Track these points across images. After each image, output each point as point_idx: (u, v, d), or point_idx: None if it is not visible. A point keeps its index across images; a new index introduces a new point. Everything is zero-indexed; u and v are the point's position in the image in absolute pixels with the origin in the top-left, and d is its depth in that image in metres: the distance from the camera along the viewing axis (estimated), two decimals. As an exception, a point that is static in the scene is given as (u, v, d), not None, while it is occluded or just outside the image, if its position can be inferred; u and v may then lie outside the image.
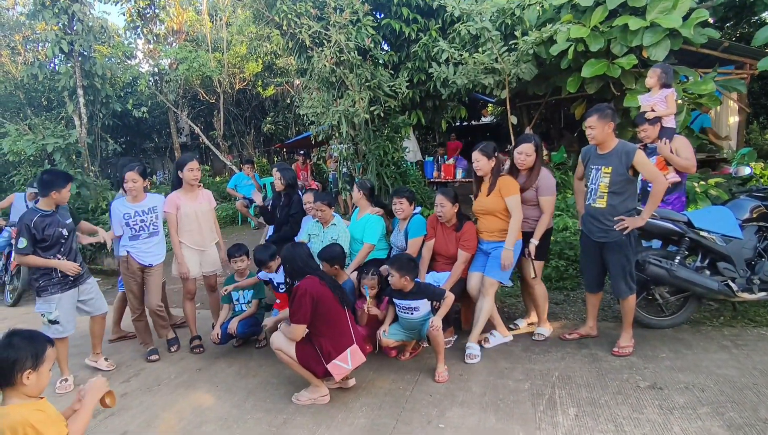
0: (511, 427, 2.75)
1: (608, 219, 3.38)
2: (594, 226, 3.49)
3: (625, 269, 3.41)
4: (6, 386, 1.76)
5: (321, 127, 6.34)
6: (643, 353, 3.48)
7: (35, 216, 3.44)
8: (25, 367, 1.75)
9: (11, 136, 7.91)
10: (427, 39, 6.06)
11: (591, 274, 3.68)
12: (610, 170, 3.34)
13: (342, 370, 3.04)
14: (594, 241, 3.51)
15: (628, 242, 3.37)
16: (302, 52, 6.40)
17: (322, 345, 3.03)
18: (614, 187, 3.34)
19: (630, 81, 5.15)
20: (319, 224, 4.20)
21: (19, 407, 1.76)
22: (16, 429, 1.70)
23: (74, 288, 3.64)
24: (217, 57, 12.26)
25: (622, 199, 3.36)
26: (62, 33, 8.23)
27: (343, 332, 3.10)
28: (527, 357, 3.61)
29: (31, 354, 1.77)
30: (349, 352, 3.06)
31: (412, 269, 3.38)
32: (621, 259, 3.41)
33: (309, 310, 2.98)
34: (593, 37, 5.06)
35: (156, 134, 16.29)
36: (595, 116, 3.32)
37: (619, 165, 3.30)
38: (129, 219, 3.95)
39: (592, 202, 3.47)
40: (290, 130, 14.83)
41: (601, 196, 3.41)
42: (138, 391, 3.55)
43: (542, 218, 3.68)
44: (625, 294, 3.45)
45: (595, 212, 3.46)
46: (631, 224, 3.31)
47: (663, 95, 4.01)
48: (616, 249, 3.40)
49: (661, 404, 2.83)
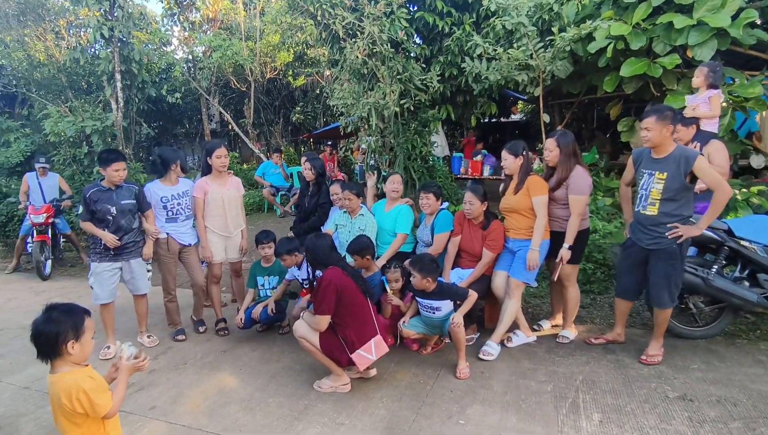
0: (533, 428, 2.71)
1: (659, 227, 3.20)
2: (643, 233, 3.31)
3: (671, 279, 3.25)
4: (53, 357, 1.86)
5: (350, 118, 6.34)
6: (674, 363, 3.39)
7: (92, 189, 3.77)
8: (67, 338, 1.84)
9: (53, 118, 8.18)
10: (460, 33, 5.98)
11: (630, 281, 3.51)
12: (665, 176, 3.15)
13: (366, 360, 3.06)
14: (641, 247, 3.34)
15: (678, 251, 3.19)
16: (335, 43, 6.40)
17: (346, 335, 3.06)
18: (668, 194, 3.15)
19: (672, 81, 4.97)
20: (347, 215, 4.22)
21: (71, 373, 1.86)
22: (70, 394, 1.80)
23: (113, 262, 3.83)
24: (250, 46, 12.40)
25: (676, 206, 3.16)
26: (103, 19, 8.44)
27: (367, 322, 3.12)
28: (551, 359, 3.56)
29: (71, 326, 1.86)
30: (373, 343, 3.08)
31: (433, 270, 3.35)
32: (668, 269, 3.24)
33: (333, 301, 3.00)
34: (635, 35, 4.90)
35: (187, 120, 16.62)
36: (654, 117, 3.12)
37: (676, 171, 3.10)
38: (167, 202, 4.07)
39: (642, 209, 3.30)
40: (318, 120, 14.92)
41: (652, 202, 3.22)
42: (165, 368, 3.65)
43: (570, 219, 3.52)
44: (667, 305, 3.30)
45: (644, 220, 3.29)
46: (686, 233, 3.13)
47: (707, 96, 3.84)
48: (664, 257, 3.23)
49: (691, 416, 2.75)
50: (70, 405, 1.81)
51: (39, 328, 1.86)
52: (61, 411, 1.84)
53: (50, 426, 2.83)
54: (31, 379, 3.50)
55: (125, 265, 3.90)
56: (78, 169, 8.28)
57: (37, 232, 6.34)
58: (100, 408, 1.84)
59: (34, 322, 1.89)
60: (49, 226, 6.46)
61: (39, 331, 1.86)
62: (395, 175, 4.32)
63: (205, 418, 2.93)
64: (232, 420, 2.90)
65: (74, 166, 8.29)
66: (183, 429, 2.83)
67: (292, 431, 2.77)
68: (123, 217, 3.79)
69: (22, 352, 3.93)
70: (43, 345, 1.85)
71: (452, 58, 6.16)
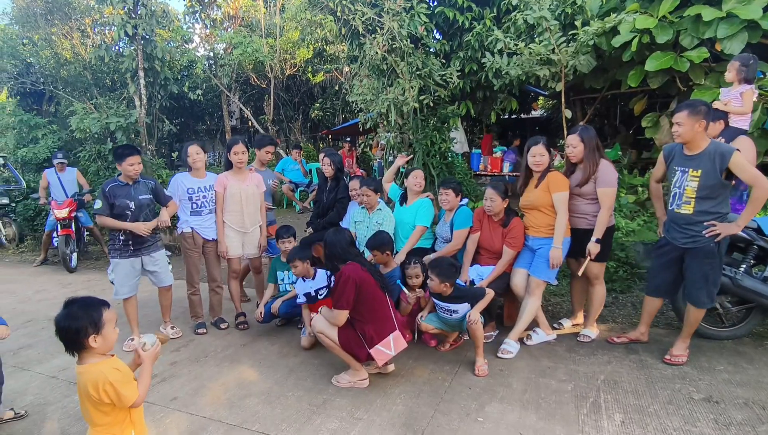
0: (552, 427, 2.68)
1: (695, 226, 3.11)
2: (678, 232, 3.23)
3: (709, 279, 3.16)
4: (78, 350, 1.91)
5: (369, 114, 6.34)
6: (699, 364, 3.31)
7: (111, 184, 3.78)
8: (88, 332, 1.87)
9: (78, 114, 8.38)
10: (481, 28, 5.92)
11: (663, 279, 3.42)
12: (699, 173, 3.05)
13: (384, 355, 3.06)
14: (676, 246, 3.26)
15: (716, 250, 3.10)
16: (354, 39, 6.41)
17: (365, 330, 3.07)
18: (704, 192, 3.05)
19: (699, 76, 4.83)
20: (365, 210, 4.23)
21: (98, 365, 1.90)
22: (97, 385, 1.85)
23: (134, 257, 3.85)
24: (270, 42, 12.49)
25: (713, 204, 3.06)
26: (127, 17, 8.62)
27: (386, 318, 3.12)
28: (571, 358, 3.51)
29: (90, 321, 1.89)
30: (392, 338, 3.08)
31: (452, 275, 3.31)
32: (705, 268, 3.15)
33: (352, 296, 3.01)
34: (661, 28, 4.77)
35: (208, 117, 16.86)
36: (686, 112, 3.02)
37: (711, 168, 3.00)
38: (192, 194, 4.14)
39: (676, 208, 3.20)
40: (337, 117, 14.97)
41: (687, 201, 3.13)
42: (186, 360, 3.72)
43: (601, 213, 3.44)
44: (705, 304, 3.22)
45: (679, 219, 3.20)
46: (724, 231, 3.03)
47: (739, 91, 3.70)
48: (701, 256, 3.14)
49: (717, 419, 2.68)
50: (97, 395, 1.85)
51: (60, 324, 1.90)
52: (89, 401, 1.89)
53: (76, 414, 2.92)
54: (58, 369, 3.61)
55: (147, 259, 3.92)
56: (103, 165, 8.47)
57: (61, 227, 6.52)
58: (127, 398, 1.88)
59: (56, 318, 1.92)
60: (72, 220, 6.64)
61: (60, 327, 1.90)
62: (417, 170, 4.31)
63: (225, 410, 2.98)
64: (251, 412, 2.94)
65: (99, 163, 8.48)
66: (203, 420, 2.88)
67: (311, 425, 2.79)
68: (141, 212, 3.83)
69: (50, 343, 4.04)
70: (67, 340, 1.90)
71: (472, 53, 6.11)
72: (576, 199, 3.57)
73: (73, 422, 2.87)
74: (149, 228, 3.82)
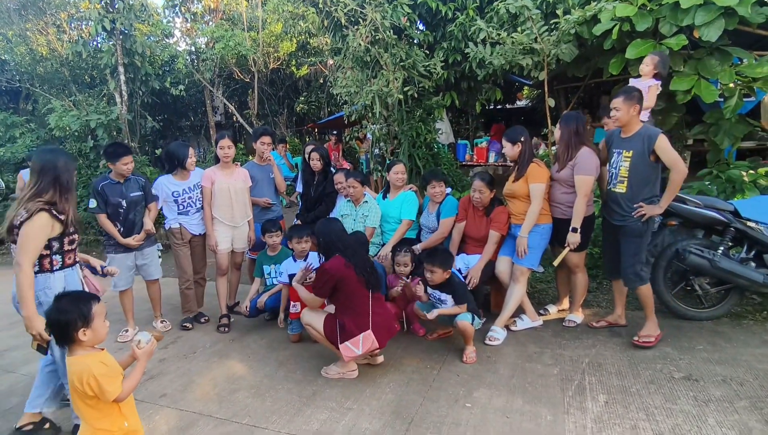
0: (539, 409, 2.74)
1: (627, 204, 3.29)
2: (612, 210, 3.41)
3: (636, 257, 3.31)
4: (69, 343, 1.94)
5: (354, 107, 6.32)
6: (679, 344, 3.39)
7: (102, 183, 3.85)
8: (77, 326, 1.90)
9: (57, 112, 8.21)
10: (464, 18, 5.91)
11: (610, 260, 3.62)
12: (630, 154, 3.25)
13: (351, 353, 3.04)
14: (612, 224, 3.43)
15: (644, 230, 3.28)
16: (337, 31, 6.36)
17: (344, 321, 3.09)
18: (634, 172, 3.25)
19: (678, 63, 4.89)
20: (351, 203, 4.23)
21: (85, 358, 1.92)
22: (81, 377, 1.87)
23: (128, 253, 3.96)
24: (253, 36, 12.33)
25: (643, 184, 3.26)
26: (104, 11, 8.42)
27: (363, 313, 3.10)
28: (557, 342, 3.58)
29: (79, 314, 1.92)
30: (362, 337, 3.06)
31: (450, 262, 3.39)
32: (632, 246, 3.32)
33: (328, 289, 3.08)
34: (640, 16, 4.81)
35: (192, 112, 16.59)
36: (622, 98, 3.24)
37: (641, 149, 3.20)
38: (178, 196, 4.14)
39: (613, 187, 3.39)
40: (323, 110, 14.86)
41: (621, 180, 3.32)
42: (175, 357, 3.71)
43: (576, 201, 3.44)
44: (634, 284, 3.35)
45: (614, 197, 3.38)
46: (649, 212, 3.22)
47: (647, 85, 3.91)
48: (629, 234, 3.32)
49: (696, 396, 2.76)
50: (82, 388, 1.88)
51: (50, 318, 1.93)
52: (76, 393, 1.92)
53: (63, 414, 2.89)
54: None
55: (138, 254, 4.03)
56: (84, 163, 8.33)
57: None
58: (108, 393, 1.89)
59: (46, 312, 1.97)
60: None
61: (51, 321, 1.94)
62: (398, 163, 4.31)
63: (215, 405, 2.98)
64: (241, 406, 2.95)
65: (80, 160, 8.33)
66: (193, 415, 2.88)
67: (301, 416, 2.81)
68: (133, 209, 3.90)
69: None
70: (57, 333, 1.93)
71: (456, 43, 6.10)
72: (554, 186, 3.63)
73: (61, 422, 2.85)
74: (140, 240, 3.93)
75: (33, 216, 2.37)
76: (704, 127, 5.00)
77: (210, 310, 4.53)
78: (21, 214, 2.39)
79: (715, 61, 4.69)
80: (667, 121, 5.44)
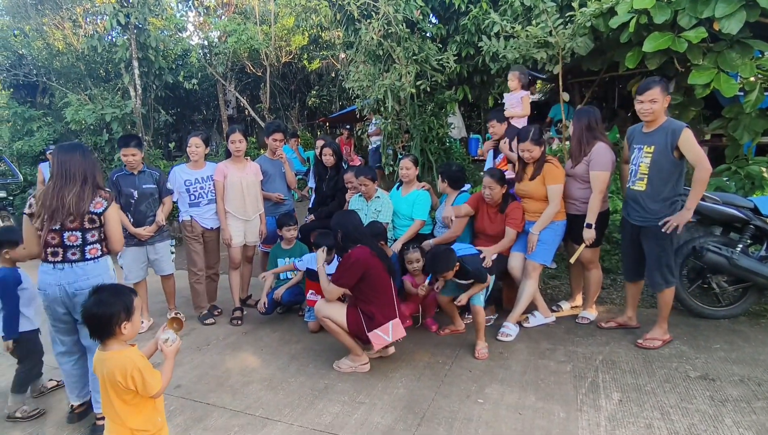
0: (552, 407, 2.73)
1: (648, 202, 3.15)
2: (633, 209, 3.28)
3: (661, 260, 3.18)
4: (107, 336, 1.90)
5: (366, 101, 6.30)
6: (695, 343, 3.35)
7: (117, 174, 3.94)
8: (120, 319, 1.88)
9: (73, 106, 8.33)
10: (477, 11, 5.85)
11: (629, 261, 3.49)
12: (652, 149, 3.10)
13: (382, 340, 3.10)
14: (632, 224, 3.30)
15: (666, 232, 3.12)
16: (350, 25, 6.34)
17: (369, 310, 3.10)
18: (655, 168, 3.09)
19: (697, 56, 4.78)
20: (362, 198, 4.23)
21: (124, 351, 1.90)
22: (125, 370, 1.84)
23: (139, 246, 4.02)
24: (265, 30, 12.34)
25: (665, 182, 3.09)
26: (119, 6, 8.51)
27: (389, 303, 3.15)
28: (570, 339, 3.55)
29: (123, 307, 1.90)
30: (391, 325, 3.11)
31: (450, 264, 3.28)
32: (656, 249, 3.18)
33: (356, 279, 3.05)
34: (659, 8, 4.71)
35: (204, 106, 16.70)
36: (658, 88, 3.03)
37: (664, 144, 3.04)
38: (189, 185, 4.16)
39: (632, 185, 3.26)
40: (334, 104, 14.84)
41: (641, 177, 3.18)
42: (189, 349, 3.75)
43: (592, 197, 3.41)
44: (660, 287, 3.25)
45: (634, 195, 3.25)
46: (678, 221, 3.03)
47: (520, 96, 4.21)
48: (652, 236, 3.18)
49: (713, 395, 2.73)
50: (124, 382, 1.83)
51: (92, 311, 1.88)
52: (114, 389, 1.86)
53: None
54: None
55: (150, 248, 4.07)
56: (99, 157, 8.45)
57: None
58: (151, 386, 1.87)
59: (85, 305, 1.91)
60: None
61: (92, 314, 1.88)
62: (405, 159, 4.29)
63: (229, 397, 3.02)
64: (254, 398, 2.98)
65: (95, 154, 8.45)
66: (207, 407, 2.92)
67: (313, 409, 2.83)
68: (144, 202, 3.94)
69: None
70: (97, 326, 1.88)
71: (469, 37, 6.04)
72: (569, 182, 3.58)
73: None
74: (150, 232, 3.98)
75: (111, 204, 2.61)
76: (723, 121, 4.89)
77: (222, 303, 4.58)
78: (99, 201, 2.57)
79: (736, 54, 4.57)
80: (684, 115, 5.34)
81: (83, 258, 2.57)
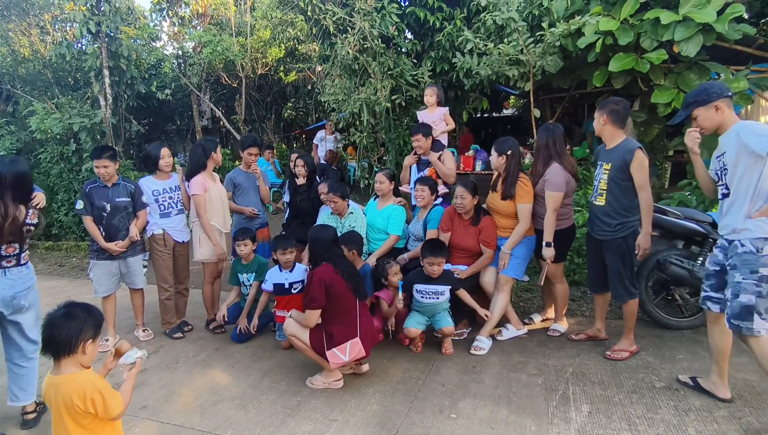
0: (524, 420, 2.75)
1: (607, 217, 3.29)
2: (595, 223, 3.42)
3: (622, 272, 3.30)
4: (65, 355, 1.79)
5: (341, 114, 6.34)
6: (660, 354, 3.45)
7: (91, 185, 3.87)
8: (87, 336, 1.81)
9: (39, 115, 8.05)
10: (451, 28, 5.99)
11: (594, 274, 3.60)
12: (609, 167, 3.25)
13: (339, 360, 3.04)
14: (594, 238, 3.44)
15: (624, 244, 3.25)
16: (326, 39, 6.39)
17: (331, 330, 3.07)
18: (612, 184, 3.23)
19: (659, 76, 5.01)
20: (336, 216, 4.20)
21: (84, 373, 1.82)
22: (84, 393, 1.75)
23: (110, 260, 3.90)
24: (241, 41, 12.28)
25: (622, 198, 3.22)
26: (90, 13, 8.31)
27: (350, 323, 3.11)
28: (542, 352, 3.60)
29: (94, 325, 1.84)
30: (349, 345, 3.06)
31: (445, 251, 3.55)
32: (617, 262, 3.30)
33: (323, 295, 3.01)
34: (622, 31, 4.92)
35: (178, 117, 16.42)
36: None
37: (620, 162, 3.18)
38: (158, 196, 4.08)
39: (593, 200, 3.41)
40: (310, 116, 14.83)
41: (600, 193, 3.33)
42: (157, 367, 3.65)
43: (546, 216, 3.53)
44: (624, 298, 3.35)
45: (595, 210, 3.40)
46: (644, 245, 3.15)
47: (441, 113, 4.47)
48: (612, 249, 3.31)
49: (677, 405, 2.81)
50: (83, 405, 1.75)
51: (58, 323, 1.77)
52: (70, 413, 1.77)
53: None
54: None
55: (122, 262, 3.96)
56: (66, 167, 8.19)
57: None
58: (113, 408, 1.81)
59: (51, 316, 1.81)
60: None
61: (58, 326, 1.77)
62: (380, 173, 4.32)
63: (197, 417, 2.94)
64: (224, 418, 2.91)
65: (62, 164, 8.19)
66: (175, 428, 2.83)
67: (285, 428, 2.78)
68: (116, 215, 3.84)
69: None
70: (60, 341, 1.77)
71: (443, 53, 6.17)
72: (535, 199, 3.68)
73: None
74: (123, 247, 3.87)
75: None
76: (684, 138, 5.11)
77: (192, 319, 4.46)
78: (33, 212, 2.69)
79: (694, 76, 4.82)
80: (648, 132, 5.56)
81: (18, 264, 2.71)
